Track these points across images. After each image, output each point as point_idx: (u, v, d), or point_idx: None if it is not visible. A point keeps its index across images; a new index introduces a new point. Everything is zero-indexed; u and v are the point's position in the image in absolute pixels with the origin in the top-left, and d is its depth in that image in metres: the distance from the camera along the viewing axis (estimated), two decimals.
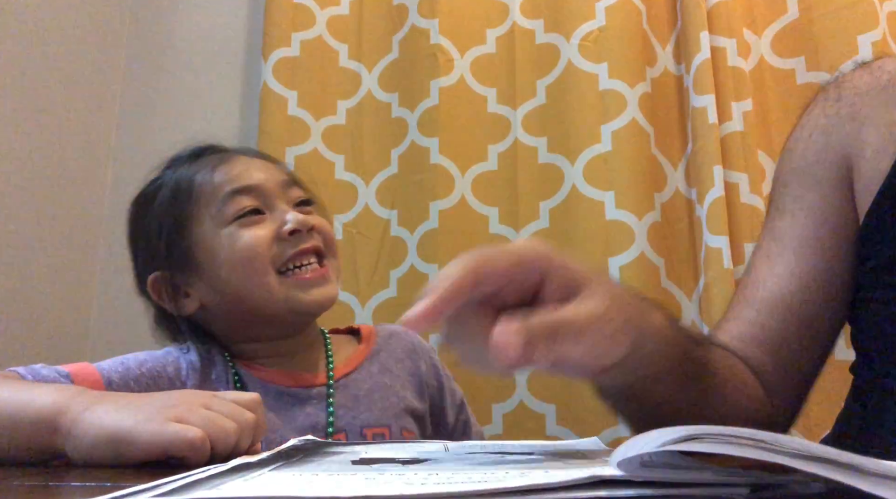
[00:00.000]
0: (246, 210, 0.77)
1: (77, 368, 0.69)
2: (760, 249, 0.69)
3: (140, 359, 0.75)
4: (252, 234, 0.76)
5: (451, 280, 0.37)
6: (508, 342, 0.35)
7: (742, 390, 0.60)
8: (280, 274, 0.76)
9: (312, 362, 0.82)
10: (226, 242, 0.76)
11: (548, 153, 1.26)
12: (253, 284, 0.75)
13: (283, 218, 0.77)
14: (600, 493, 0.26)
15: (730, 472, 0.28)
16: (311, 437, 0.49)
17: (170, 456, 0.45)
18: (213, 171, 0.80)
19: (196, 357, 0.78)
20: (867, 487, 0.22)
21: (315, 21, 1.37)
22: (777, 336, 0.64)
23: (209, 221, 0.78)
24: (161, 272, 0.79)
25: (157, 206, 0.81)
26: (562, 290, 0.40)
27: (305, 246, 0.77)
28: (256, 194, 0.78)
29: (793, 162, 0.69)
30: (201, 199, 0.79)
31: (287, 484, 0.29)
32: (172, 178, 0.83)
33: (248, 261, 0.75)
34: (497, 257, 0.39)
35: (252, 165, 0.82)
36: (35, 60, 1.20)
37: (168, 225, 0.79)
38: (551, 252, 0.41)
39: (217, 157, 0.83)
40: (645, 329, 0.45)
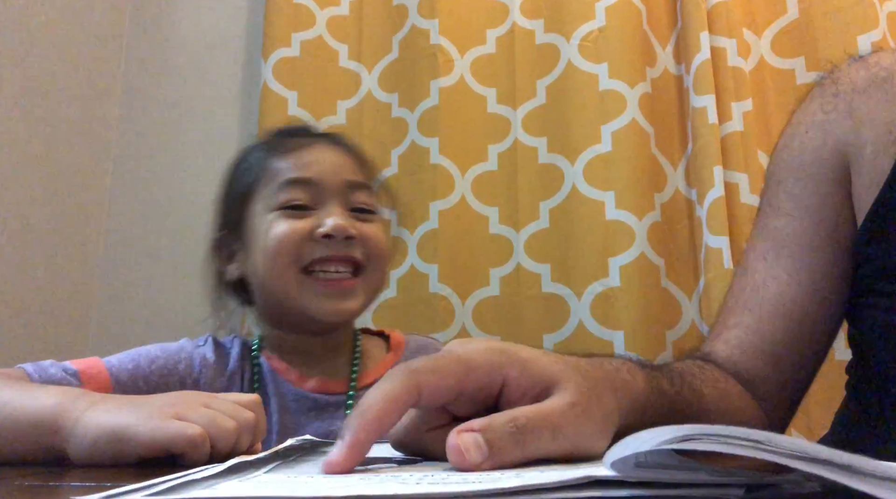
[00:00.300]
0: (292, 203, 0.77)
1: (85, 366, 0.70)
2: (755, 250, 0.67)
3: (152, 355, 0.75)
4: (287, 226, 0.75)
5: (379, 404, 0.33)
6: (467, 444, 0.32)
7: (733, 418, 0.58)
8: (304, 273, 0.75)
9: (338, 367, 0.81)
10: (265, 227, 0.77)
11: (548, 153, 1.26)
12: (274, 275, 0.76)
13: (323, 218, 0.76)
14: (594, 493, 0.25)
15: (725, 472, 0.28)
16: (309, 437, 0.49)
17: (170, 453, 0.45)
18: (285, 156, 0.80)
19: (210, 351, 0.78)
20: (864, 487, 0.22)
21: (315, 21, 1.37)
22: (777, 344, 0.63)
23: (262, 202, 0.78)
24: (224, 233, 0.83)
25: (237, 171, 0.84)
26: (529, 392, 0.36)
27: (334, 253, 0.76)
28: (311, 189, 0.78)
29: (788, 159, 0.67)
30: (263, 179, 0.80)
31: (282, 484, 0.29)
32: (258, 150, 0.85)
33: (274, 251, 0.75)
34: (442, 369, 0.35)
35: (325, 158, 0.81)
36: (35, 60, 1.20)
37: (237, 193, 0.82)
38: (508, 358, 0.36)
39: (299, 141, 0.83)
40: (626, 408, 0.41)
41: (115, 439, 0.47)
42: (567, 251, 1.20)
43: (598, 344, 1.14)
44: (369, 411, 0.33)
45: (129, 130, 1.43)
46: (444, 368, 0.35)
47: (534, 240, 1.24)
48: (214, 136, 1.42)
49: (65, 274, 1.28)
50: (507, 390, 0.36)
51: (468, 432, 0.32)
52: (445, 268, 1.22)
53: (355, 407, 0.34)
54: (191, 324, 1.20)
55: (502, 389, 0.36)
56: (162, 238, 1.38)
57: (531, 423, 0.33)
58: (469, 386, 0.35)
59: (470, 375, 0.35)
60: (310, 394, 0.77)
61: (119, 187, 1.40)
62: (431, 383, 0.34)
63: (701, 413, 0.54)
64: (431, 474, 0.31)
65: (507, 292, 1.23)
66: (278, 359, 0.80)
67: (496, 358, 0.36)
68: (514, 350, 0.37)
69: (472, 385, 0.36)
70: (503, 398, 0.36)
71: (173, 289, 1.35)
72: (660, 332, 1.15)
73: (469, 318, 1.22)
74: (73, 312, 1.29)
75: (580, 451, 0.35)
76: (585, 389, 0.36)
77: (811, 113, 0.67)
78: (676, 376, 0.53)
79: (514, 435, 0.33)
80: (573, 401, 0.35)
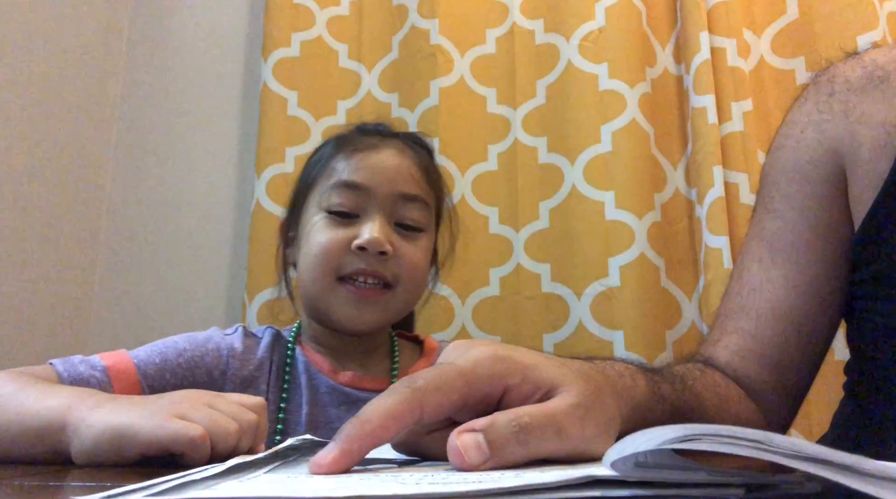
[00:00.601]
0: (338, 207, 0.78)
1: (113, 361, 0.70)
2: (751, 253, 0.67)
3: (179, 347, 0.75)
4: (330, 235, 0.77)
5: (378, 418, 0.32)
6: (467, 445, 0.31)
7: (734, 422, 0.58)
8: (338, 281, 0.77)
9: (371, 366, 0.82)
10: (311, 229, 0.79)
11: (548, 153, 1.26)
12: (312, 278, 0.78)
13: (361, 230, 0.77)
14: (594, 493, 0.25)
15: (725, 472, 0.28)
16: (309, 437, 0.49)
17: (170, 453, 0.45)
18: (349, 156, 0.81)
19: (239, 341, 0.79)
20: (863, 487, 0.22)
21: (315, 21, 1.37)
22: (775, 348, 0.62)
23: (315, 198, 0.80)
24: (289, 215, 0.86)
25: (310, 161, 0.86)
26: (531, 398, 0.36)
27: (363, 267, 0.76)
28: (360, 194, 0.78)
29: (783, 159, 0.67)
30: (324, 175, 0.81)
31: (282, 485, 0.29)
32: (331, 144, 0.86)
33: (314, 258, 0.77)
34: (446, 386, 0.34)
35: (386, 164, 0.80)
36: (35, 60, 1.20)
37: (303, 182, 0.84)
38: (510, 367, 0.36)
39: (368, 141, 0.83)
40: (627, 413, 0.41)
41: (117, 436, 0.47)
42: (567, 251, 1.20)
43: (598, 344, 1.14)
44: (368, 423, 0.32)
45: (129, 129, 1.43)
46: (448, 384, 0.35)
47: (534, 240, 1.24)
48: (214, 136, 1.42)
49: (65, 274, 1.28)
50: (509, 397, 0.36)
51: (469, 432, 0.32)
52: (445, 268, 1.21)
53: (356, 415, 0.33)
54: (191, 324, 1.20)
55: (503, 395, 0.36)
56: (162, 238, 1.38)
57: (534, 422, 0.33)
58: (471, 399, 0.35)
59: (472, 388, 0.35)
60: (343, 387, 0.78)
61: (119, 187, 1.40)
62: (434, 402, 0.34)
63: (701, 417, 0.54)
64: (431, 474, 0.31)
65: (507, 292, 1.23)
66: (314, 351, 0.82)
67: (498, 368, 0.36)
68: (515, 357, 0.37)
69: (474, 398, 0.35)
70: (504, 403, 0.36)
71: (173, 289, 1.35)
72: (660, 332, 1.15)
73: (469, 318, 1.22)
74: (73, 313, 1.29)
75: (582, 452, 0.35)
76: (588, 392, 0.36)
77: (806, 113, 0.66)
78: (678, 381, 0.53)
79: (517, 434, 0.32)
80: (576, 402, 0.35)
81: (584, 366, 0.40)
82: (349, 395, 0.78)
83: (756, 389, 0.62)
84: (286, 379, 0.79)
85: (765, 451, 0.24)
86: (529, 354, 0.38)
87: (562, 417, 0.34)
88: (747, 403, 0.61)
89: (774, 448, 0.23)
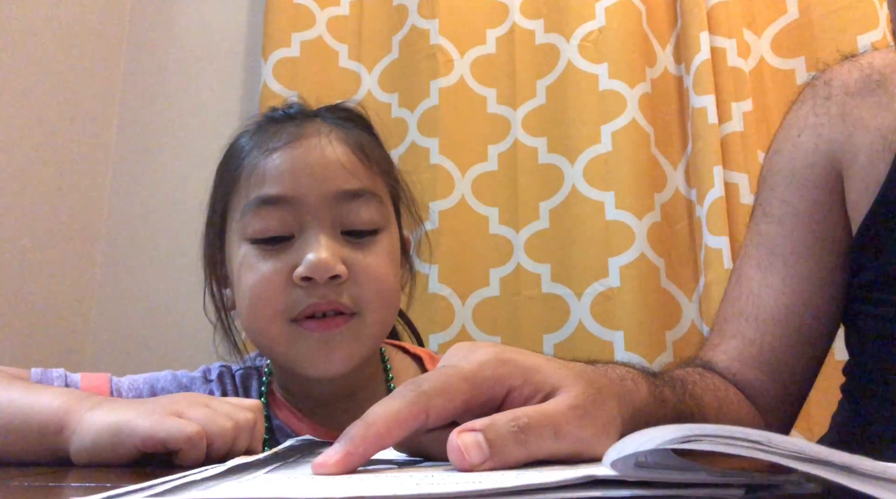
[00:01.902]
0: (266, 234, 0.62)
1: (91, 386, 0.66)
2: (749, 257, 0.67)
3: (157, 388, 0.68)
4: (264, 271, 0.61)
5: (384, 423, 0.33)
6: (467, 445, 0.32)
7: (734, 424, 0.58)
8: (292, 323, 0.61)
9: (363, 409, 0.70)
10: (239, 266, 0.63)
11: (548, 154, 1.26)
12: (259, 329, 0.63)
13: (301, 256, 0.60)
14: (594, 493, 0.26)
15: (725, 472, 0.28)
16: (309, 437, 0.49)
17: (167, 450, 0.46)
18: (259, 162, 0.63)
19: (217, 389, 0.69)
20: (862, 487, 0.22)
21: (315, 21, 1.37)
22: (775, 353, 0.63)
23: (234, 221, 0.64)
24: (212, 249, 0.68)
25: (221, 171, 0.68)
26: (531, 400, 0.36)
27: (315, 301, 0.60)
28: (287, 209, 0.62)
29: (781, 163, 0.67)
30: (237, 187, 0.65)
31: (281, 485, 0.29)
32: (242, 145, 0.67)
33: (253, 306, 0.62)
34: (450, 390, 0.34)
35: (312, 159, 0.63)
36: (35, 60, 1.20)
37: (218, 202, 0.67)
38: (512, 370, 0.36)
39: (281, 134, 0.65)
40: (628, 416, 0.41)
41: (115, 432, 0.47)
42: (567, 252, 1.20)
43: (598, 344, 1.14)
44: (373, 426, 0.33)
45: (129, 129, 1.43)
46: (452, 388, 0.35)
47: (534, 240, 1.24)
48: (214, 136, 1.42)
49: (65, 274, 1.28)
50: (510, 398, 0.36)
51: (469, 431, 0.32)
52: (445, 268, 1.22)
53: (361, 417, 0.34)
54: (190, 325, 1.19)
55: (506, 397, 0.36)
56: (162, 238, 1.38)
57: (533, 421, 0.33)
58: (474, 402, 0.36)
59: (476, 391, 0.35)
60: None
61: (119, 187, 1.40)
62: (439, 406, 0.34)
63: (702, 421, 0.54)
64: (431, 474, 0.31)
65: (507, 293, 1.23)
66: (288, 409, 0.67)
67: (500, 371, 0.36)
68: (518, 359, 0.37)
69: (477, 401, 0.36)
70: (506, 405, 0.36)
71: (173, 289, 1.35)
72: (660, 332, 1.14)
73: (469, 318, 1.22)
74: (73, 313, 1.29)
75: (581, 453, 0.35)
76: (588, 393, 0.37)
77: (803, 116, 0.66)
78: (678, 384, 0.53)
79: (516, 434, 0.33)
80: (574, 403, 0.35)
81: (585, 368, 0.40)
82: None
83: (756, 393, 0.62)
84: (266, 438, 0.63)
85: (764, 451, 0.24)
86: (531, 356, 0.38)
87: (559, 417, 0.34)
88: (747, 406, 0.61)
89: (774, 449, 0.23)
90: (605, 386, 0.40)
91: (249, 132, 0.69)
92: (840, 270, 0.62)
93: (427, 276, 1.22)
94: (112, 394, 0.67)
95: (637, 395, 0.45)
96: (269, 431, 0.66)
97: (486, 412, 0.35)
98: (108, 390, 0.67)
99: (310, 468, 0.33)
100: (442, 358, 0.39)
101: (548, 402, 0.36)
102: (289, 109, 0.71)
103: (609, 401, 0.39)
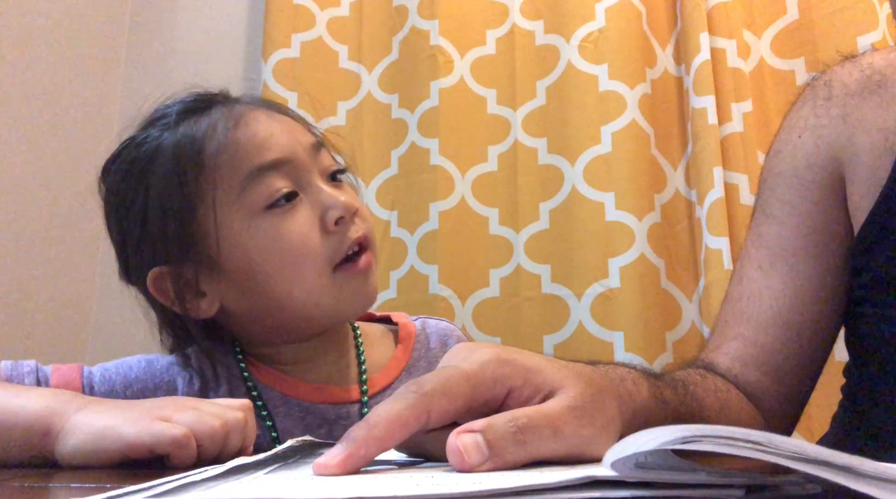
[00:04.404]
0: (279, 195, 0.62)
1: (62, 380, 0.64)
2: (750, 258, 0.67)
3: (130, 378, 0.66)
4: (296, 228, 0.62)
5: (386, 425, 0.33)
6: (467, 446, 0.32)
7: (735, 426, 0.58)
8: (335, 270, 0.63)
9: (342, 369, 0.69)
10: (262, 238, 0.62)
11: (548, 154, 1.26)
12: (305, 285, 0.63)
13: (324, 202, 0.63)
14: (594, 494, 0.26)
15: (725, 473, 0.28)
16: (309, 438, 0.49)
17: (155, 454, 0.45)
18: (227, 137, 0.63)
19: (196, 375, 0.67)
20: (862, 488, 0.22)
21: (315, 22, 1.37)
22: (776, 354, 0.63)
23: (227, 207, 0.62)
24: (163, 267, 0.64)
25: (154, 184, 0.64)
26: (532, 400, 0.36)
27: (358, 234, 0.64)
28: (288, 169, 0.63)
29: (781, 164, 0.66)
30: (216, 176, 0.62)
31: (281, 486, 0.29)
32: (169, 141, 0.65)
33: (296, 262, 0.62)
34: (452, 391, 0.35)
35: (274, 125, 0.65)
36: (35, 60, 1.20)
37: (169, 213, 0.63)
38: (512, 370, 0.36)
39: (227, 114, 0.65)
40: (629, 417, 0.41)
41: (101, 438, 0.47)
42: (567, 252, 1.20)
43: (598, 345, 1.14)
44: (376, 427, 0.33)
45: (129, 129, 1.43)
46: (454, 389, 0.35)
47: (534, 241, 1.24)
48: None
49: (65, 274, 1.28)
50: (511, 399, 0.36)
51: (468, 433, 0.32)
52: (445, 269, 1.22)
53: (363, 418, 0.34)
54: None
55: (506, 397, 0.37)
56: None
57: (532, 422, 0.34)
58: (475, 402, 0.36)
59: (477, 391, 0.36)
60: (318, 406, 0.66)
61: None
62: (440, 407, 0.34)
63: (703, 422, 0.54)
64: (431, 475, 0.31)
65: (507, 293, 1.23)
66: (275, 375, 0.68)
67: (501, 371, 0.36)
68: (519, 360, 0.37)
69: (478, 401, 0.36)
70: (506, 406, 0.37)
71: None
72: (660, 333, 1.14)
73: (469, 319, 1.22)
74: (73, 313, 1.29)
75: (580, 453, 0.35)
76: (588, 394, 0.37)
77: (803, 117, 0.66)
78: (680, 386, 0.53)
79: (515, 435, 0.33)
80: (573, 404, 0.36)
81: (585, 369, 0.40)
82: (325, 413, 0.66)
83: (757, 394, 0.62)
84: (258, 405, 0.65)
85: (764, 452, 0.24)
86: (532, 357, 0.38)
87: (558, 417, 0.35)
88: (749, 407, 0.61)
89: (774, 449, 0.23)
90: (605, 387, 0.40)
91: (175, 125, 0.67)
92: (841, 271, 0.62)
93: (427, 276, 1.22)
94: (83, 386, 0.64)
95: (637, 396, 0.45)
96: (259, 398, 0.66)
97: (487, 413, 0.35)
98: (79, 383, 0.64)
99: (310, 469, 0.33)
100: (443, 359, 0.39)
101: (547, 402, 0.36)
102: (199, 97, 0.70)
103: (609, 401, 0.39)
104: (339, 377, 0.69)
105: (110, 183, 0.69)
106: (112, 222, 0.70)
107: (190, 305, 0.65)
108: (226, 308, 0.66)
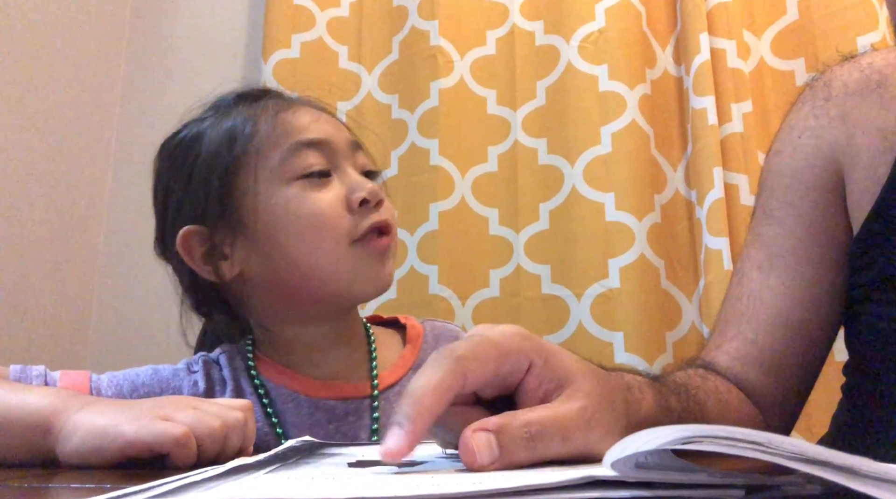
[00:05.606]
0: (313, 169, 0.67)
1: (69, 379, 0.66)
2: (750, 259, 0.67)
3: (138, 382, 0.68)
4: (323, 197, 0.66)
5: (432, 393, 0.34)
6: (480, 446, 0.33)
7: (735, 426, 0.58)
8: (352, 244, 0.67)
9: (350, 366, 0.71)
10: (290, 203, 0.66)
11: (548, 155, 1.26)
12: (322, 253, 0.66)
13: (353, 184, 0.68)
14: (594, 494, 0.26)
15: (725, 473, 0.28)
16: (309, 438, 0.49)
17: (155, 453, 0.46)
18: (277, 117, 0.70)
19: (202, 378, 0.69)
20: (862, 488, 0.22)
21: (315, 22, 1.37)
22: (776, 354, 0.63)
23: (266, 173, 0.67)
24: (198, 226, 0.69)
25: (205, 149, 0.70)
26: (546, 384, 0.37)
27: (381, 219, 0.68)
28: (325, 151, 0.69)
29: (781, 165, 0.67)
30: (261, 146, 0.68)
31: (281, 486, 0.29)
32: (224, 120, 0.72)
33: (318, 228, 0.66)
34: (482, 355, 0.36)
35: (321, 118, 0.72)
36: (35, 61, 1.20)
37: (216, 171, 0.69)
38: (536, 346, 0.38)
39: (279, 102, 0.72)
40: (633, 425, 0.42)
41: (101, 435, 0.47)
42: (567, 253, 1.20)
43: (598, 345, 1.14)
44: (423, 399, 0.33)
45: (130, 130, 1.43)
46: (484, 354, 0.36)
47: (534, 241, 1.24)
48: None
49: (65, 275, 1.28)
50: (528, 378, 0.37)
51: (483, 431, 0.33)
52: (445, 269, 1.22)
53: (405, 395, 0.34)
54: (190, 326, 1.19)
55: (526, 373, 0.37)
56: None
57: (544, 429, 0.34)
58: (502, 370, 0.37)
59: (504, 359, 0.36)
60: (327, 402, 0.68)
61: (119, 187, 1.40)
62: (475, 370, 0.35)
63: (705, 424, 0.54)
64: (431, 475, 0.31)
65: (507, 294, 1.23)
66: (278, 367, 0.70)
67: (526, 343, 0.37)
68: (539, 339, 0.39)
69: (505, 370, 0.37)
70: (523, 386, 0.37)
71: (173, 290, 1.34)
72: (660, 333, 1.15)
73: (469, 319, 1.22)
74: (73, 313, 1.29)
75: (587, 454, 0.36)
76: (598, 393, 0.37)
77: (803, 117, 0.66)
78: (682, 391, 0.54)
79: (527, 441, 0.34)
80: (583, 405, 0.36)
81: (598, 368, 0.41)
82: (334, 409, 0.68)
83: (757, 394, 0.62)
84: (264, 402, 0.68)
85: (765, 452, 0.24)
86: (551, 342, 0.39)
87: (568, 422, 0.35)
88: (749, 407, 0.62)
89: (774, 450, 0.23)
90: (616, 388, 0.41)
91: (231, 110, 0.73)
92: (841, 271, 0.62)
93: (427, 277, 1.22)
94: (91, 391, 0.66)
95: (643, 404, 0.45)
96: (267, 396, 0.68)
97: (510, 385, 0.37)
98: (87, 388, 0.66)
99: (310, 469, 0.33)
100: (464, 336, 0.40)
101: (558, 406, 0.36)
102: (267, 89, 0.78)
103: (617, 402, 0.40)
104: (348, 373, 0.71)
105: (165, 153, 0.75)
106: (159, 187, 0.76)
107: (214, 265, 0.68)
108: (246, 276, 0.69)
